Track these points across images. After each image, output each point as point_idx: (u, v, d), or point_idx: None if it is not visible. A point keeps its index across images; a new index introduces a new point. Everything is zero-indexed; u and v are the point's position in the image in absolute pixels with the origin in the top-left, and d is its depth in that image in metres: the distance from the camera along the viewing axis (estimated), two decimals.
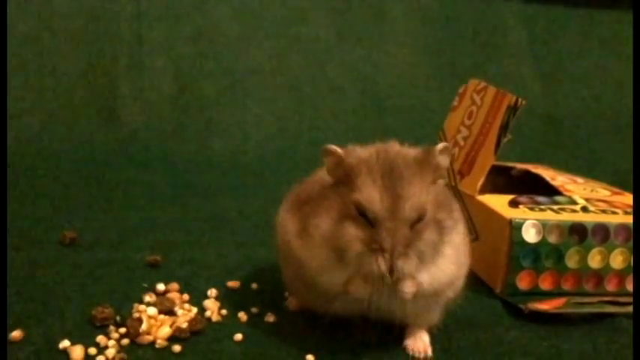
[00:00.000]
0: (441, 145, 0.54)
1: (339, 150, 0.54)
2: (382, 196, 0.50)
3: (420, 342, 0.60)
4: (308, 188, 0.60)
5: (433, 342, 0.61)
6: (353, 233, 0.51)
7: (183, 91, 1.45)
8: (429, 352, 0.60)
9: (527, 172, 0.97)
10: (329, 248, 0.53)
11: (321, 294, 0.56)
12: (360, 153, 0.54)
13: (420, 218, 0.52)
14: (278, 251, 0.64)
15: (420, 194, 0.51)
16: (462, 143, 0.88)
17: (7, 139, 1.20)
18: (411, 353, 0.60)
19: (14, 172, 1.14)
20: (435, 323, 0.62)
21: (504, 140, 0.81)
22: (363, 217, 0.51)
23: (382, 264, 0.50)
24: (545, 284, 0.75)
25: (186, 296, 0.68)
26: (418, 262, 0.51)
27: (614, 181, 0.99)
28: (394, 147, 0.56)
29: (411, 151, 0.55)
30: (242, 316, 0.64)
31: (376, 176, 0.52)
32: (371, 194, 0.51)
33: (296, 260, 0.57)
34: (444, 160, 0.54)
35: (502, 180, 0.97)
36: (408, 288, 0.52)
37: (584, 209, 0.79)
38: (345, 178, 0.53)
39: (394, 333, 0.59)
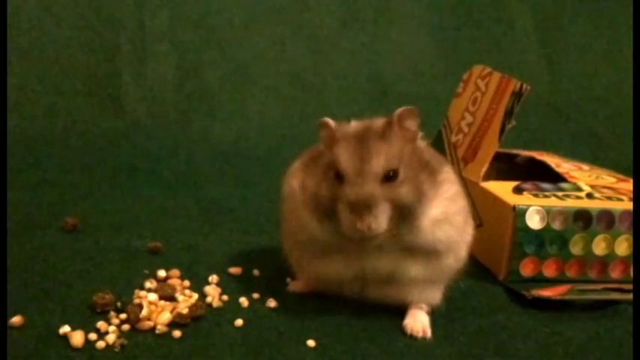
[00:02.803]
0: (400, 110, 0.57)
1: (330, 123, 0.59)
2: (351, 156, 0.55)
3: (418, 322, 0.61)
4: (311, 153, 0.64)
5: (435, 328, 0.61)
6: (325, 190, 0.56)
7: (186, 78, 1.44)
8: (428, 333, 0.60)
9: (532, 159, 0.96)
10: (313, 204, 0.58)
11: (316, 252, 0.61)
12: (346, 126, 0.59)
13: (388, 175, 0.55)
14: (283, 212, 0.66)
15: (387, 153, 0.55)
16: (466, 130, 0.87)
17: (6, 127, 1.20)
18: (409, 332, 0.60)
19: (17, 159, 1.14)
20: (436, 303, 0.63)
21: (509, 126, 0.80)
22: (338, 177, 0.56)
23: (348, 218, 0.54)
24: (549, 271, 0.74)
25: (187, 282, 0.68)
26: (392, 216, 0.54)
27: (620, 168, 0.98)
28: (377, 120, 0.60)
29: (381, 121, 0.59)
30: (243, 301, 0.64)
31: (350, 142, 0.56)
32: (342, 155, 0.56)
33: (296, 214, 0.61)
34: (409, 124, 0.58)
35: (507, 167, 0.96)
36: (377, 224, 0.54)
37: (589, 196, 0.78)
38: (331, 146, 0.58)
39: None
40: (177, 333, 0.57)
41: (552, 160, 0.94)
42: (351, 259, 0.60)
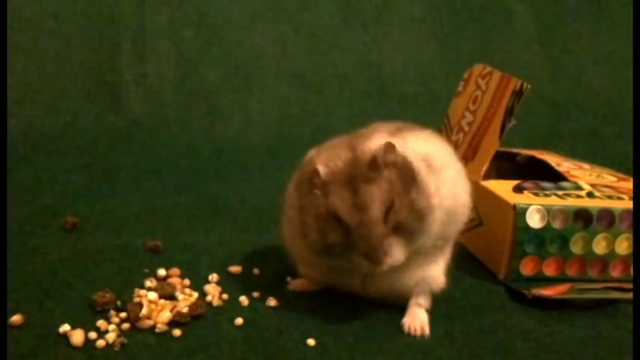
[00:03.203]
0: (377, 150, 0.57)
1: (321, 171, 0.57)
2: (349, 208, 0.55)
3: (417, 320, 0.61)
4: (305, 174, 0.61)
5: (435, 327, 0.61)
6: (333, 237, 0.56)
7: (187, 77, 1.44)
8: (426, 330, 0.60)
9: (533, 158, 0.96)
10: (320, 250, 0.58)
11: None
12: (336, 163, 0.58)
13: (388, 210, 0.55)
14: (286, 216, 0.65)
15: (379, 195, 0.55)
16: (466, 129, 0.87)
17: (6, 125, 1.20)
18: (407, 331, 0.60)
19: (17, 157, 1.14)
20: (442, 286, 0.63)
21: (509, 125, 0.80)
22: (340, 222, 0.56)
23: (366, 264, 0.55)
24: (550, 270, 0.74)
25: (187, 281, 0.68)
26: (402, 245, 0.56)
27: (621, 167, 0.98)
28: (363, 150, 0.58)
29: (365, 156, 0.57)
30: (243, 300, 0.64)
31: (343, 190, 0.56)
32: (340, 207, 0.56)
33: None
34: (390, 156, 0.57)
35: (507, 166, 0.96)
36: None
37: (590, 195, 0.78)
38: (324, 191, 0.57)
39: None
40: (177, 332, 0.57)
41: (553, 159, 0.94)
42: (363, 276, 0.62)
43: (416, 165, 0.58)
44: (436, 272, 0.63)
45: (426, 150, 0.61)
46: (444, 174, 0.60)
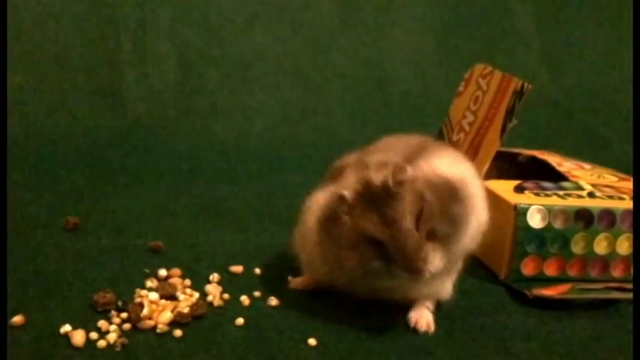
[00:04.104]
0: (390, 178, 0.56)
1: (347, 195, 0.57)
2: (377, 224, 0.55)
3: (424, 317, 0.61)
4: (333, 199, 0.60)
5: (437, 327, 0.61)
6: (371, 259, 0.56)
7: (187, 77, 1.44)
8: (432, 328, 0.60)
9: (534, 158, 0.96)
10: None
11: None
12: (355, 191, 0.57)
13: (418, 217, 0.55)
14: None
15: (404, 205, 0.55)
16: (467, 129, 0.87)
17: (6, 125, 1.20)
18: (413, 324, 0.60)
19: (18, 158, 1.14)
20: (448, 296, 0.63)
21: (510, 125, 0.80)
22: (372, 242, 0.56)
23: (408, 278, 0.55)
24: (550, 270, 0.74)
25: (188, 281, 0.68)
26: (439, 252, 0.56)
27: (622, 167, 0.98)
28: (374, 177, 0.57)
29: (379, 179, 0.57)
30: (244, 300, 0.64)
31: (367, 210, 0.56)
32: (367, 225, 0.55)
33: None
34: (401, 176, 0.56)
35: (508, 166, 0.96)
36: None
37: (591, 195, 0.78)
38: (351, 214, 0.57)
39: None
40: (178, 332, 0.57)
41: (554, 159, 0.94)
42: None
43: (446, 175, 0.59)
44: (448, 284, 0.63)
45: (453, 170, 0.61)
46: (471, 190, 0.61)
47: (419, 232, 0.55)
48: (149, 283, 0.66)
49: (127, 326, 0.58)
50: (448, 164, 0.61)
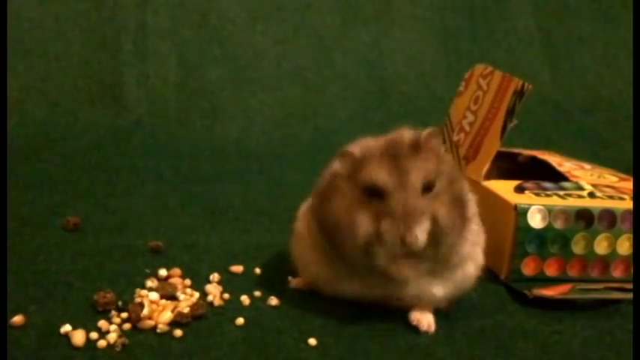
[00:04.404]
0: (427, 131, 0.57)
1: (355, 152, 0.57)
2: (388, 171, 0.55)
3: (425, 317, 0.61)
4: (322, 184, 0.62)
5: (436, 328, 0.61)
6: (362, 216, 0.55)
7: (188, 77, 1.44)
8: (432, 328, 0.60)
9: (534, 159, 0.96)
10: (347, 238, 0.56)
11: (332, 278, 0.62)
12: (365, 147, 0.58)
13: (428, 186, 0.55)
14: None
15: (422, 166, 0.55)
16: (467, 129, 0.87)
17: (7, 126, 1.20)
18: (414, 323, 0.60)
19: (18, 157, 1.14)
20: (442, 305, 0.63)
21: (510, 125, 0.80)
22: (374, 196, 0.55)
23: (393, 232, 0.54)
24: (551, 270, 0.74)
25: (188, 281, 0.68)
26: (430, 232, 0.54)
27: (623, 167, 0.98)
28: (401, 134, 0.58)
29: (407, 135, 0.58)
30: (245, 300, 0.64)
31: (381, 159, 0.56)
32: (377, 172, 0.55)
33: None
34: (433, 141, 0.57)
35: (508, 166, 0.96)
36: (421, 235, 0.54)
37: (591, 195, 0.78)
38: (356, 169, 0.57)
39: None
40: (178, 332, 0.57)
41: (554, 159, 0.94)
42: (372, 285, 0.60)
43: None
44: (439, 289, 0.62)
45: None
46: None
47: (424, 200, 0.54)
48: (149, 283, 0.66)
49: (127, 326, 0.57)
50: None
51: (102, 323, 0.57)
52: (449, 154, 0.62)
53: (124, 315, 0.59)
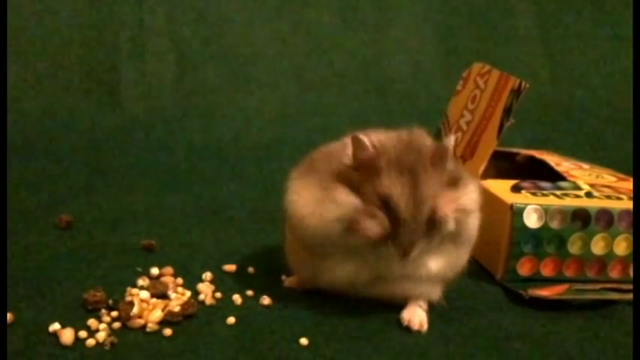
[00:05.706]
0: (443, 150, 0.56)
1: (368, 144, 0.56)
2: (407, 198, 0.54)
3: (417, 316, 0.60)
4: (323, 161, 0.61)
5: (431, 328, 0.60)
6: (374, 223, 0.54)
7: (185, 75, 1.44)
8: (425, 327, 0.60)
9: (532, 158, 0.95)
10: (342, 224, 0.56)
11: (329, 257, 0.60)
12: (383, 141, 0.57)
13: (432, 214, 0.55)
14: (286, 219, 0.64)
15: (436, 195, 0.55)
16: (464, 128, 0.86)
17: (7, 124, 1.20)
18: (405, 324, 0.59)
19: (14, 155, 1.14)
20: (436, 299, 0.63)
21: (507, 124, 0.79)
22: (386, 207, 0.54)
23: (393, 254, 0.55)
24: (547, 270, 0.74)
25: (180, 280, 0.67)
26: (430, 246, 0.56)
27: (622, 167, 0.97)
28: (418, 140, 0.57)
29: (428, 147, 0.57)
30: (236, 299, 0.64)
31: (400, 176, 0.54)
32: (397, 195, 0.54)
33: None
34: (450, 154, 0.57)
35: (506, 166, 0.95)
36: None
37: (588, 195, 0.77)
38: (367, 166, 0.56)
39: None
40: (167, 331, 0.56)
41: (552, 159, 0.93)
42: (369, 262, 0.59)
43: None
44: (437, 289, 0.63)
45: None
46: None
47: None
48: (140, 282, 0.65)
49: (116, 325, 0.57)
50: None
51: (91, 322, 0.57)
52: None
53: (114, 314, 0.58)
